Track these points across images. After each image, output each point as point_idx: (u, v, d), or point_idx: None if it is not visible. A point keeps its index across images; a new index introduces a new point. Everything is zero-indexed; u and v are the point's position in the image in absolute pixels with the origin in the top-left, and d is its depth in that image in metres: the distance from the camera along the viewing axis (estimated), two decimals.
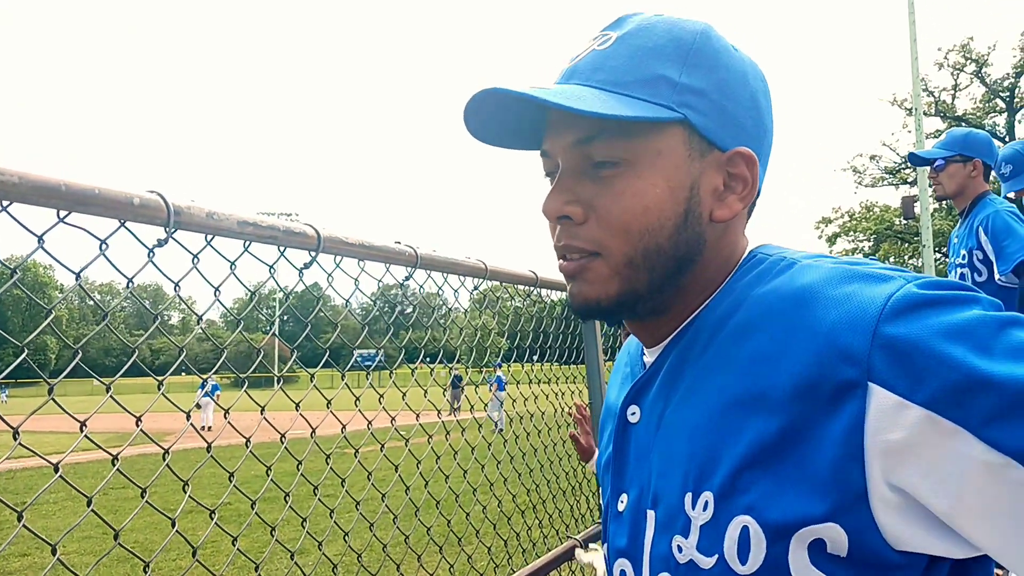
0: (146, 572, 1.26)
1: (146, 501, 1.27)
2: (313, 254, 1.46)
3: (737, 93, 0.78)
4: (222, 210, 1.23)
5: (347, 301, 1.70)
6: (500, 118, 0.81)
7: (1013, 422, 0.56)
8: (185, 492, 1.29)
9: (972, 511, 0.59)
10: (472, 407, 2.56)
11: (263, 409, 1.37)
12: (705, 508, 0.70)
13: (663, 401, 0.80)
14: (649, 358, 0.86)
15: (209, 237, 1.25)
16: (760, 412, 0.67)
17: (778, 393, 0.66)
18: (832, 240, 36.73)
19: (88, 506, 1.12)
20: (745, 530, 0.66)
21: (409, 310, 2.39)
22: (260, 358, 1.49)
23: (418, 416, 2.05)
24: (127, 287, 1.16)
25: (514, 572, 2.26)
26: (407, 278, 1.80)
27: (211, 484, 9.64)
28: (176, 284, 1.24)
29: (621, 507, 0.84)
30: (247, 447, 1.41)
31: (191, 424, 1.28)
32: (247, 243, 1.33)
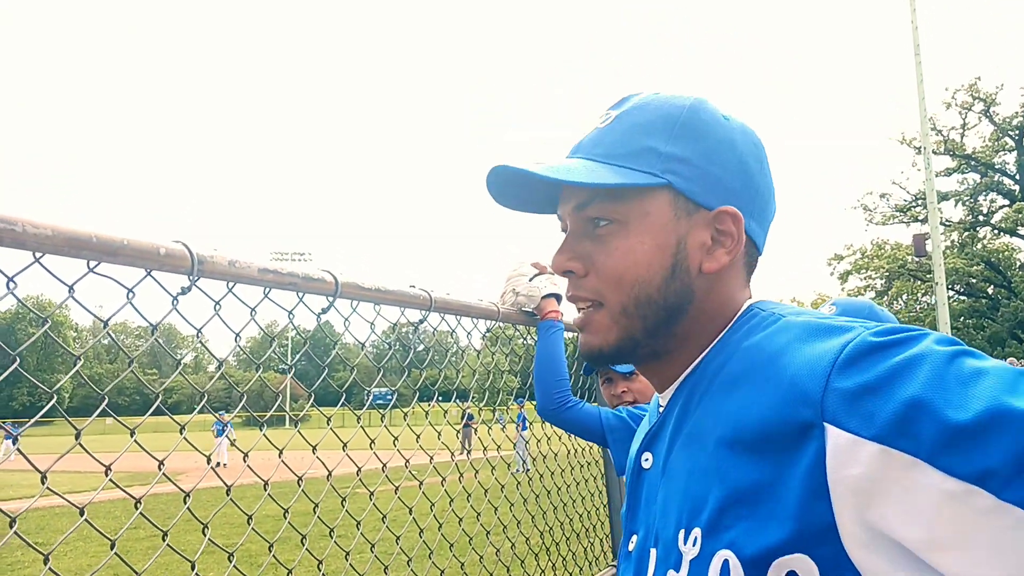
0: None
1: (167, 544, 1.28)
2: (331, 299, 1.50)
3: (723, 158, 0.87)
4: (243, 258, 1.28)
5: (362, 344, 1.73)
6: (518, 187, 0.93)
7: (965, 446, 0.58)
8: (205, 535, 1.31)
9: (945, 543, 0.59)
10: (485, 447, 2.57)
11: (281, 451, 1.39)
12: (694, 544, 0.75)
13: (668, 447, 0.87)
14: (662, 405, 0.93)
15: (231, 284, 1.29)
16: (740, 455, 0.73)
17: (752, 436, 0.72)
18: (844, 278, 36.58)
19: (112, 548, 1.14)
20: (726, 564, 0.71)
21: (421, 348, 2.42)
22: (279, 400, 1.52)
23: (432, 458, 2.06)
24: (152, 333, 1.20)
25: None
26: (421, 321, 1.84)
27: (222, 524, 9.62)
28: (198, 331, 1.28)
29: (631, 547, 0.91)
30: (265, 489, 1.43)
31: (211, 467, 1.30)
32: (267, 289, 1.37)
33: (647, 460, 0.92)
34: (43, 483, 1.06)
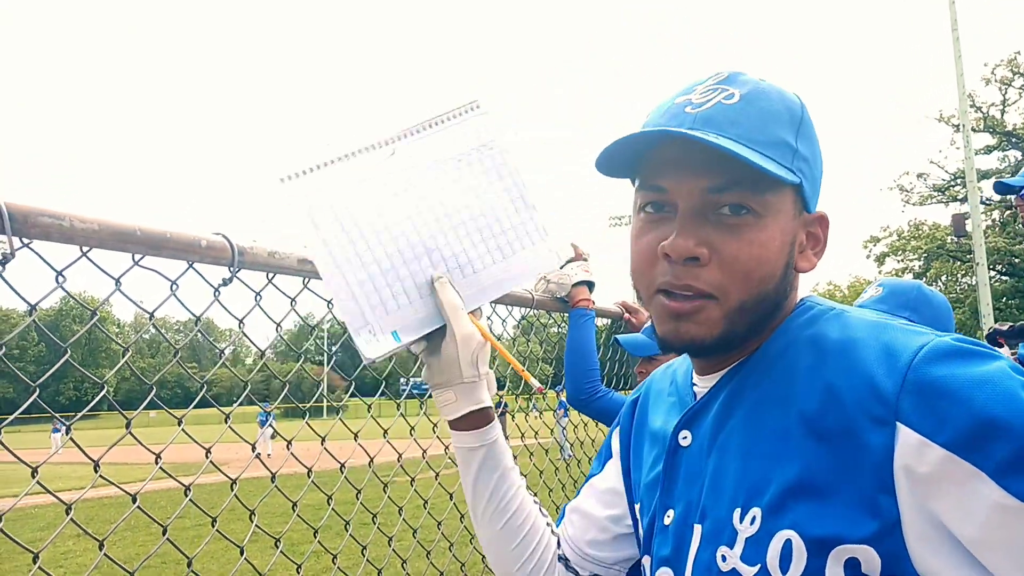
0: None
1: (216, 530, 1.31)
2: None
3: (820, 163, 0.88)
4: (283, 249, 1.30)
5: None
6: (636, 150, 0.87)
7: None
8: (252, 521, 1.34)
9: (995, 544, 0.67)
10: (522, 434, 2.58)
11: (323, 439, 1.41)
12: (752, 522, 0.77)
13: (718, 427, 0.87)
14: (702, 386, 0.93)
15: (270, 275, 1.31)
16: (808, 441, 0.75)
17: (823, 424, 0.75)
18: (881, 260, 35.86)
19: (164, 535, 1.17)
20: (788, 543, 0.74)
21: None
22: (320, 390, 1.54)
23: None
24: (196, 324, 1.23)
25: None
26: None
27: (264, 513, 9.77)
28: (240, 321, 1.30)
29: (667, 521, 0.91)
30: (309, 476, 1.45)
31: (256, 456, 1.33)
32: (306, 280, 1.39)
33: (685, 438, 0.91)
34: (96, 471, 1.09)
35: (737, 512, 0.79)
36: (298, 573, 1.48)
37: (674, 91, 0.88)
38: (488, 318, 2.10)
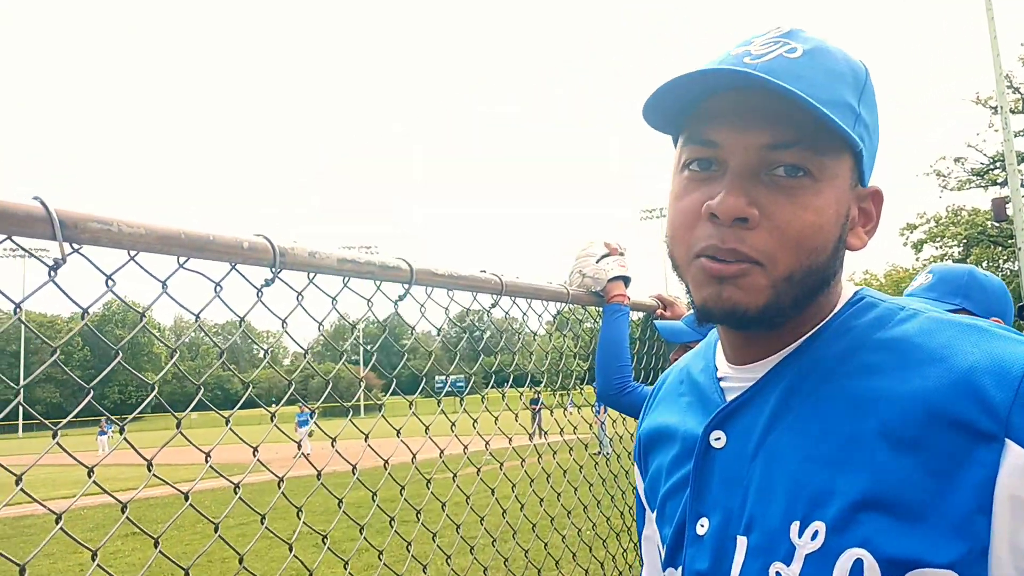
0: None
1: (265, 527, 1.33)
2: (406, 286, 1.52)
3: (879, 135, 0.82)
4: (323, 249, 1.31)
5: (439, 329, 1.76)
6: (681, 97, 0.78)
7: None
8: (299, 518, 1.35)
9: None
10: (561, 430, 2.59)
11: (367, 436, 1.43)
12: (814, 537, 0.70)
13: (764, 429, 0.79)
14: (735, 380, 0.85)
15: (311, 275, 1.33)
16: (888, 451, 0.68)
17: (909, 434, 0.67)
18: (918, 247, 35.07)
19: (216, 532, 1.19)
20: (858, 563, 0.67)
21: (488, 335, 2.44)
22: (360, 389, 1.56)
23: (511, 440, 2.08)
24: (239, 325, 1.25)
25: None
26: (493, 305, 1.86)
27: (307, 511, 9.92)
28: (283, 320, 1.32)
29: (701, 531, 0.83)
30: (353, 473, 1.47)
31: (302, 454, 1.34)
32: (346, 279, 1.40)
33: (719, 439, 0.83)
34: (149, 471, 1.11)
35: (795, 525, 0.72)
36: (345, 569, 1.49)
37: (731, 44, 0.81)
38: (524, 313, 2.11)
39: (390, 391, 1.72)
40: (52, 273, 0.99)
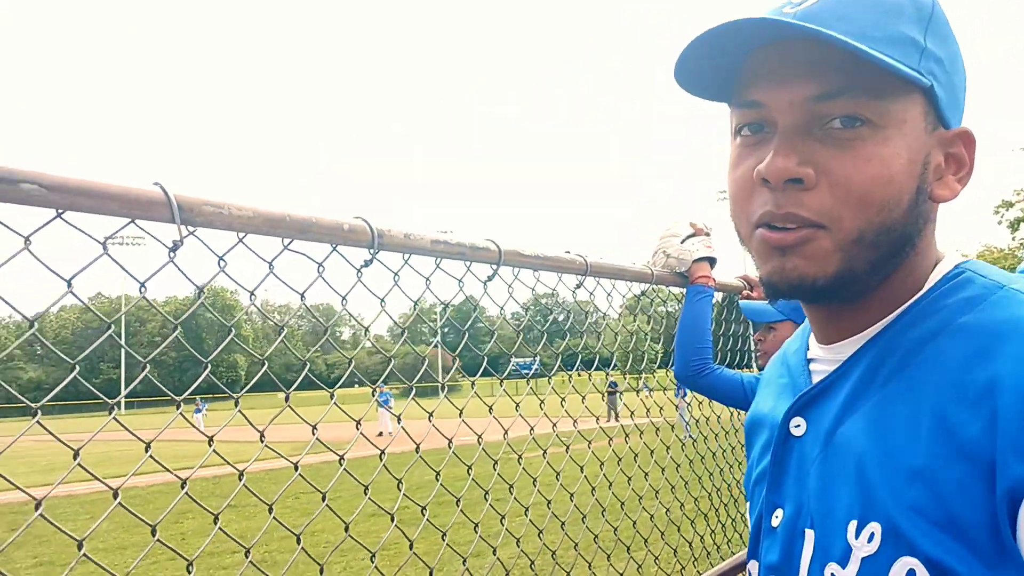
0: (321, 573, 1.37)
1: (326, 505, 1.36)
2: (494, 267, 1.56)
3: (959, 69, 0.73)
4: (416, 232, 1.36)
5: (526, 310, 1.79)
6: (717, 56, 0.73)
7: None
8: (366, 495, 1.40)
9: None
10: (644, 411, 2.59)
11: (431, 415, 1.47)
12: (870, 540, 0.64)
13: (836, 417, 0.73)
14: (821, 362, 0.80)
15: (406, 256, 1.38)
16: (965, 457, 0.59)
17: (998, 442, 0.58)
18: (1015, 226, 32.87)
19: (270, 513, 1.25)
20: (911, 573, 0.60)
21: (562, 317, 2.46)
22: (440, 371, 1.59)
23: (598, 419, 2.10)
24: (342, 304, 1.31)
25: None
26: (578, 286, 1.88)
27: (387, 489, 10.20)
28: (382, 300, 1.37)
29: (775, 522, 0.78)
30: (417, 452, 1.50)
31: (380, 433, 1.38)
32: (438, 260, 1.45)
33: (798, 427, 0.77)
34: (210, 446, 1.17)
35: (852, 525, 0.66)
36: (411, 549, 1.50)
37: None
38: (608, 294, 2.11)
39: (480, 371, 1.76)
40: (172, 254, 1.05)
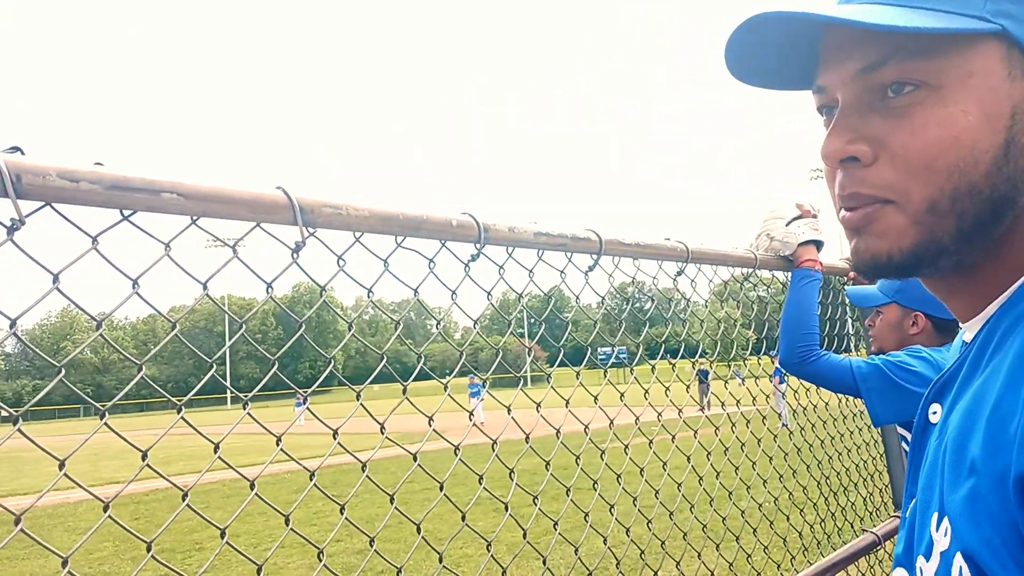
0: (440, 561, 1.39)
1: (443, 495, 1.39)
2: (595, 257, 1.56)
3: None
4: (520, 224, 1.37)
5: (627, 298, 1.78)
6: (762, 53, 0.72)
7: None
8: (480, 483, 1.42)
9: None
10: (723, 403, 2.54)
11: (539, 406, 1.47)
12: (945, 534, 0.59)
13: (951, 404, 0.69)
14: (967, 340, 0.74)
15: (510, 250, 1.40)
16: (1006, 450, 0.53)
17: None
18: None
19: (391, 503, 1.28)
20: (961, 573, 0.56)
21: (648, 306, 2.42)
22: (529, 360, 1.60)
23: (680, 411, 2.06)
24: (452, 298, 1.34)
25: (797, 571, 2.20)
26: (679, 273, 1.86)
27: (488, 477, 10.42)
28: (488, 293, 1.40)
29: (908, 513, 0.75)
30: (527, 441, 1.51)
31: (474, 424, 1.41)
32: (540, 252, 1.46)
33: (935, 413, 0.73)
34: (335, 438, 1.20)
35: (935, 517, 0.62)
36: (524, 538, 1.53)
37: None
38: (710, 280, 2.07)
39: (556, 362, 1.76)
40: (295, 255, 1.10)
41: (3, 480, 16.86)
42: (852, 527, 2.79)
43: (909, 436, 2.27)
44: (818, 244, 2.26)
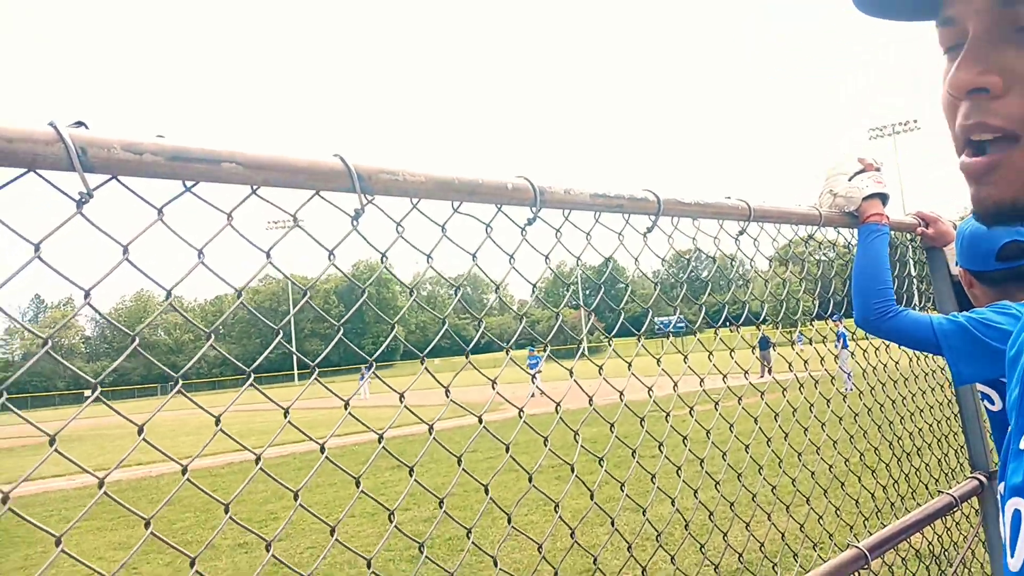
0: (509, 523, 1.41)
1: (510, 456, 1.40)
2: (653, 218, 1.53)
3: None
4: (576, 187, 1.35)
5: (683, 267, 1.75)
6: None
7: None
8: (546, 446, 1.42)
9: None
10: (791, 365, 2.48)
11: (601, 368, 1.45)
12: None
13: None
14: None
15: (566, 212, 1.38)
16: None
17: None
18: None
19: (459, 464, 1.29)
20: (1017, 514, 0.58)
21: (705, 274, 2.36)
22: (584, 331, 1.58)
23: (747, 372, 2.03)
24: (510, 262, 1.33)
25: (870, 534, 2.15)
26: (741, 232, 1.80)
27: (531, 448, 10.55)
28: (546, 256, 1.39)
29: (1023, 446, 0.75)
30: (590, 403, 1.51)
31: (537, 387, 1.40)
32: (597, 214, 1.44)
33: None
34: (401, 402, 1.22)
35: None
36: (592, 499, 1.54)
37: None
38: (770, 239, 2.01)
39: (615, 330, 1.74)
40: (355, 223, 1.11)
41: (89, 455, 17.82)
42: (927, 489, 2.71)
43: (992, 393, 2.18)
44: (883, 197, 2.17)
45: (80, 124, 0.85)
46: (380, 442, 1.19)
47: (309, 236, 1.14)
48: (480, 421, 1.39)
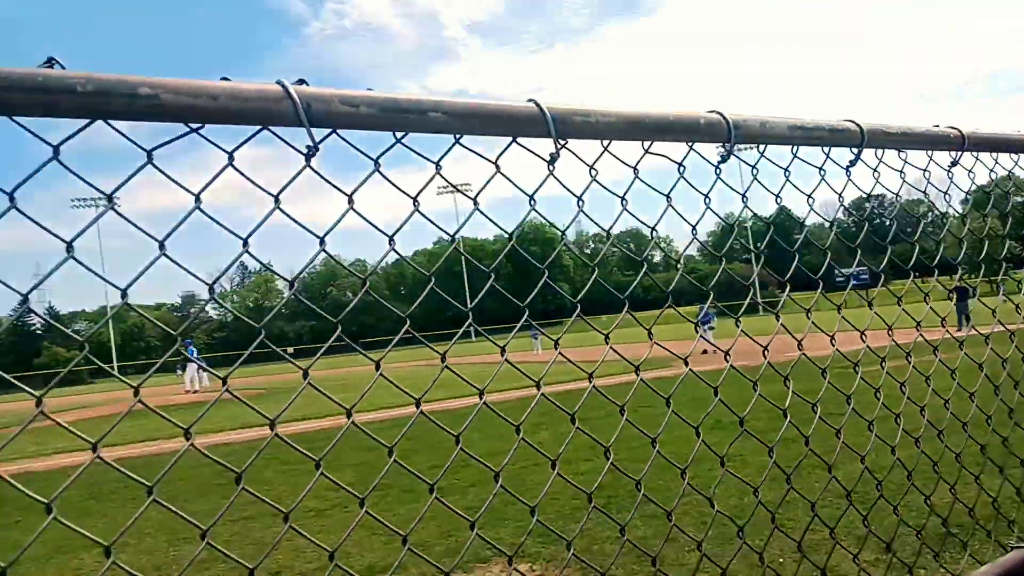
0: (683, 477, 1.41)
1: (672, 411, 1.40)
2: (856, 151, 1.43)
3: None
4: (772, 119, 1.28)
5: (870, 197, 1.62)
6: None
7: None
8: (716, 395, 1.39)
9: None
10: (994, 311, 2.23)
11: (778, 314, 1.39)
12: None
13: None
14: None
15: (761, 148, 1.32)
16: None
17: None
18: None
19: (622, 415, 1.28)
20: None
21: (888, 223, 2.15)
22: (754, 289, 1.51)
23: (944, 320, 1.86)
24: (705, 201, 1.30)
25: None
26: (953, 163, 1.64)
27: (736, 403, 10.30)
28: (743, 196, 1.34)
29: None
30: (764, 357, 1.45)
31: (712, 342, 1.37)
32: (795, 148, 1.36)
33: None
34: (556, 348, 1.22)
35: None
36: (770, 456, 1.50)
37: None
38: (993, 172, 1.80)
39: (787, 290, 1.64)
40: (551, 167, 1.12)
41: (297, 408, 19.60)
42: None
43: None
44: None
45: (301, 81, 0.91)
46: (538, 391, 1.22)
47: (508, 180, 1.16)
48: (636, 373, 1.39)
